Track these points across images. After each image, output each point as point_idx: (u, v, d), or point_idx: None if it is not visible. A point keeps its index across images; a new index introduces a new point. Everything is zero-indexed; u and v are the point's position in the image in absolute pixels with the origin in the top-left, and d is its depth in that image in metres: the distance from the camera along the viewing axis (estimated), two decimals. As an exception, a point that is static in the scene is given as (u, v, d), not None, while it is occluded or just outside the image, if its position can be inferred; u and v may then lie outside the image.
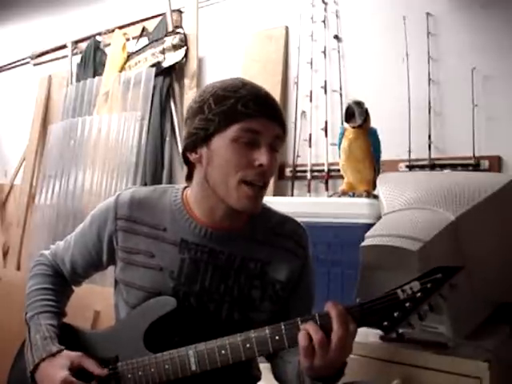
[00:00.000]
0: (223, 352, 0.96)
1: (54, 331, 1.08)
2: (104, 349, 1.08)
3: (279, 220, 1.17)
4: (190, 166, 1.11)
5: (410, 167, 1.95)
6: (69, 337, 1.11)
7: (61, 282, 1.22)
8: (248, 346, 0.95)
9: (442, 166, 1.90)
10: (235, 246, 1.10)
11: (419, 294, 0.91)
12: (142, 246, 1.10)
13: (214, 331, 1.01)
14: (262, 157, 1.00)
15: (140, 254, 1.10)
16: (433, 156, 1.92)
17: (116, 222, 1.12)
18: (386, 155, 1.82)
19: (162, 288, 1.07)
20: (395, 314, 0.91)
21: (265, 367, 1.19)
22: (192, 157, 1.07)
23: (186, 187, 1.15)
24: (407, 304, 0.91)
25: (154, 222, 1.11)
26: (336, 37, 2.22)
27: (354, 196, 1.75)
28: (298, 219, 1.20)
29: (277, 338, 0.94)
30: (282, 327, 0.94)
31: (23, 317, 1.14)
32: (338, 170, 1.90)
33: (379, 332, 0.94)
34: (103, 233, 1.14)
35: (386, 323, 0.91)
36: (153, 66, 2.68)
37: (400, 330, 0.93)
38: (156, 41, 2.71)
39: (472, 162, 1.83)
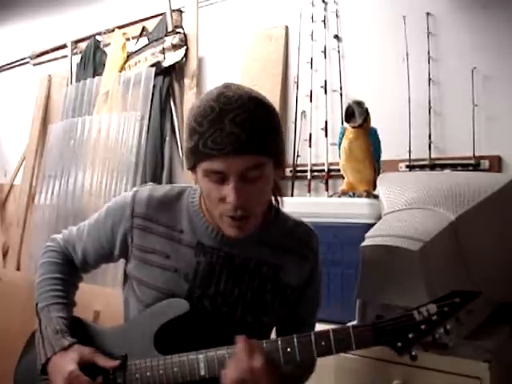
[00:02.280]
0: None
1: (64, 323, 1.09)
2: (113, 346, 1.09)
3: (293, 225, 1.16)
4: None
5: (410, 167, 1.95)
6: (79, 331, 1.12)
7: (71, 271, 1.21)
8: None
9: (442, 166, 1.90)
10: (250, 250, 1.10)
11: (435, 317, 0.90)
12: (158, 246, 1.09)
13: (227, 334, 1.01)
14: (229, 194, 0.95)
15: (155, 253, 1.09)
16: (433, 156, 1.92)
17: (132, 219, 1.11)
18: (386, 155, 1.82)
19: (176, 289, 1.07)
20: (410, 336, 0.91)
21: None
22: (193, 176, 1.05)
23: None
24: (423, 326, 0.90)
25: (171, 223, 1.10)
26: (336, 37, 2.22)
27: (354, 196, 1.75)
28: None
29: (288, 350, 0.94)
30: (295, 340, 0.94)
31: (34, 307, 1.14)
32: (338, 170, 1.90)
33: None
34: (118, 228, 1.13)
35: (399, 344, 0.91)
36: (153, 65, 2.68)
37: (413, 352, 0.92)
38: (156, 40, 2.71)
39: (472, 161, 1.83)
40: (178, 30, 2.63)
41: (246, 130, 0.94)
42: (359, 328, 0.92)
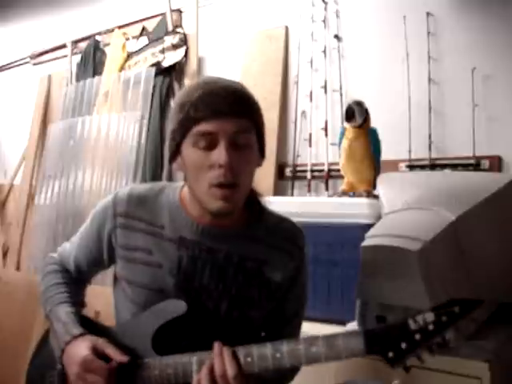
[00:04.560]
0: None
1: (72, 318, 1.10)
2: (115, 345, 1.08)
3: (278, 221, 1.16)
4: None
5: (410, 167, 1.95)
6: (86, 328, 1.12)
7: (72, 277, 1.23)
8: (249, 360, 0.93)
9: (442, 166, 1.90)
10: (233, 245, 1.10)
11: (431, 327, 0.84)
12: (141, 243, 1.10)
13: (214, 329, 1.01)
14: (219, 156, 0.98)
15: (139, 251, 1.10)
16: (433, 156, 1.92)
17: (115, 219, 1.12)
18: (386, 155, 1.82)
19: (162, 285, 1.07)
20: (403, 346, 0.85)
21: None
22: (174, 166, 1.08)
23: (184, 185, 1.15)
24: (417, 336, 0.85)
25: (152, 219, 1.11)
26: (336, 36, 2.22)
27: (354, 196, 1.75)
28: (298, 219, 1.20)
29: (277, 355, 0.92)
30: (284, 346, 0.92)
31: (43, 313, 1.16)
32: (338, 170, 1.90)
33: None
34: (103, 231, 1.14)
35: (391, 354, 0.86)
36: (153, 65, 2.68)
37: (407, 363, 0.87)
38: (156, 40, 2.71)
39: (472, 161, 1.83)
40: (178, 29, 2.63)
41: (235, 96, 1.01)
42: (350, 336, 0.88)
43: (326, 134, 2.19)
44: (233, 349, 0.93)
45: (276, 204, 1.22)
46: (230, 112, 0.99)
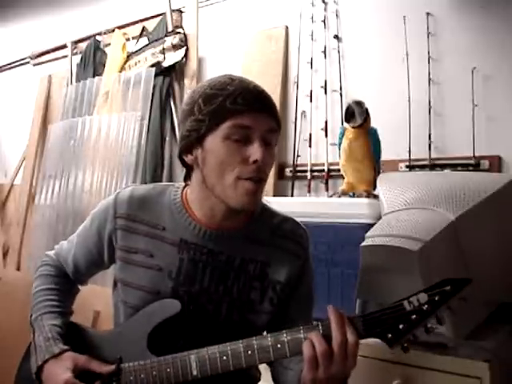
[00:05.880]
0: (224, 358, 0.95)
1: (56, 331, 1.08)
2: (108, 349, 1.08)
3: (280, 220, 1.16)
4: (188, 167, 1.11)
5: (410, 167, 1.95)
6: (75, 336, 1.12)
7: (65, 282, 1.22)
8: (249, 352, 0.94)
9: (442, 166, 1.90)
10: (235, 247, 1.09)
11: (426, 307, 0.88)
12: (141, 245, 1.10)
13: (214, 332, 1.01)
14: (255, 152, 0.99)
15: (138, 253, 1.09)
16: (433, 156, 1.92)
17: (115, 220, 1.11)
18: (386, 155, 1.82)
19: (160, 288, 1.07)
20: (400, 327, 0.89)
21: (264, 367, 1.18)
22: (188, 159, 1.06)
23: (185, 186, 1.14)
24: (413, 316, 0.88)
25: (153, 221, 1.10)
26: (336, 37, 2.22)
27: (354, 196, 1.75)
28: (298, 219, 1.20)
29: (278, 346, 0.93)
30: (284, 335, 0.93)
31: (28, 319, 1.14)
32: (338, 170, 1.90)
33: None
34: (103, 232, 1.13)
35: (390, 335, 0.89)
36: (153, 65, 2.68)
37: (405, 344, 0.90)
38: (156, 41, 2.71)
39: (472, 161, 1.83)
40: (178, 30, 2.63)
41: (267, 96, 1.05)
42: (347, 318, 0.91)
43: (326, 134, 2.19)
44: (349, 315, 0.93)
45: (276, 204, 1.22)
46: (265, 110, 1.02)
